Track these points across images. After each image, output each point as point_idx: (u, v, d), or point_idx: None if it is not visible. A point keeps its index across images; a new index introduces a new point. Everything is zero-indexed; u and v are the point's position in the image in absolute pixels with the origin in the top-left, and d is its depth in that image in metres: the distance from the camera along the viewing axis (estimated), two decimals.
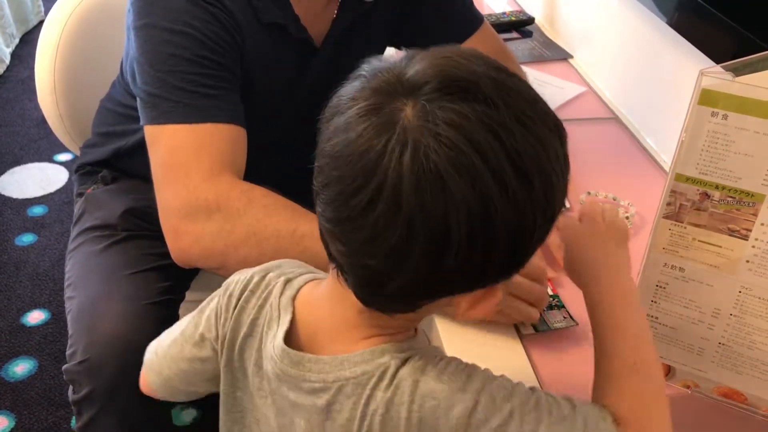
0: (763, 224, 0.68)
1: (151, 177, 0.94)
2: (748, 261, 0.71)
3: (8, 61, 3.06)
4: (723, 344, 0.75)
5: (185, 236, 0.89)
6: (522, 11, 1.79)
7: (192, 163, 0.90)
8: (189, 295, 1.13)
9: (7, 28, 3.12)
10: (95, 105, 1.29)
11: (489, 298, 0.56)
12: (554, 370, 0.82)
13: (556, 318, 0.88)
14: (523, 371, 0.81)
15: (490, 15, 1.73)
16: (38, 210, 2.27)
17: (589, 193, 1.10)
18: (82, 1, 1.35)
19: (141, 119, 0.96)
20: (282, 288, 0.65)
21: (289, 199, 0.91)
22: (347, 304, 0.58)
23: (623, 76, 1.41)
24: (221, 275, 0.91)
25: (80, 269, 1.09)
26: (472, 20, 1.20)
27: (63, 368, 1.00)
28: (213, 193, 0.88)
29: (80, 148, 1.33)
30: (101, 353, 0.96)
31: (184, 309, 1.08)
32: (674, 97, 1.21)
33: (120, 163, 1.22)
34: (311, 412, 0.60)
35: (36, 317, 1.87)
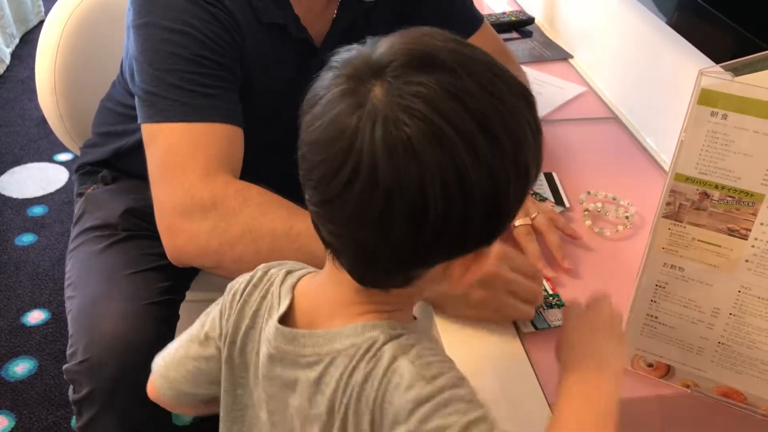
0: (763, 224, 0.68)
1: None
2: (748, 260, 0.71)
3: (8, 61, 3.06)
4: (722, 344, 0.75)
5: (180, 234, 0.89)
6: (522, 11, 1.79)
7: (188, 162, 0.90)
8: (189, 295, 1.13)
9: (7, 28, 3.12)
10: (95, 105, 1.30)
11: (479, 262, 0.59)
12: (553, 368, 0.82)
13: (556, 316, 0.88)
14: (522, 369, 0.81)
15: (490, 15, 1.73)
16: (38, 210, 2.27)
17: (589, 193, 1.10)
18: (82, 1, 1.35)
19: (138, 117, 0.96)
20: (283, 278, 0.67)
21: (288, 199, 0.91)
22: (345, 285, 0.60)
23: (623, 76, 1.41)
24: (217, 274, 0.91)
25: (80, 269, 1.09)
26: (472, 20, 1.20)
27: (63, 368, 1.00)
28: (209, 192, 0.88)
29: (80, 148, 1.33)
30: (101, 353, 0.96)
31: (185, 309, 1.08)
32: (674, 97, 1.21)
33: (120, 163, 1.22)
34: (304, 387, 0.62)
35: (36, 317, 1.88)
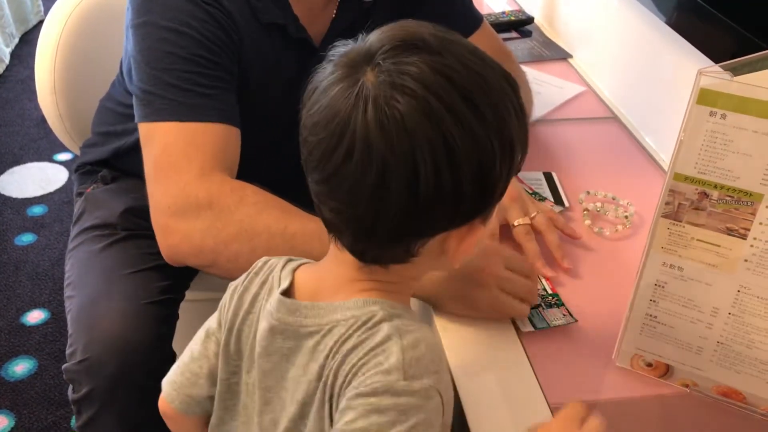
0: (762, 223, 0.69)
1: None
2: (747, 260, 0.71)
3: (8, 61, 3.06)
4: (722, 343, 0.75)
5: (175, 233, 0.89)
6: (521, 11, 1.79)
7: (184, 162, 0.90)
8: (189, 295, 1.13)
9: (7, 28, 3.12)
10: (95, 104, 1.30)
11: (473, 234, 0.62)
12: (552, 368, 0.82)
13: (556, 316, 0.88)
14: (522, 369, 0.81)
15: (490, 14, 1.73)
16: (38, 210, 2.27)
17: (589, 193, 1.10)
18: (82, 1, 1.35)
19: (135, 116, 0.96)
20: (284, 264, 0.70)
21: (287, 200, 0.91)
22: (347, 264, 0.64)
23: (622, 76, 1.41)
24: (212, 274, 0.92)
25: (80, 269, 1.09)
26: (472, 20, 1.20)
27: (63, 367, 1.00)
28: (204, 191, 0.89)
29: (80, 148, 1.33)
30: (101, 352, 0.96)
31: (184, 308, 1.08)
32: (673, 97, 1.21)
33: (119, 163, 1.22)
34: (302, 355, 0.64)
35: (36, 317, 1.88)
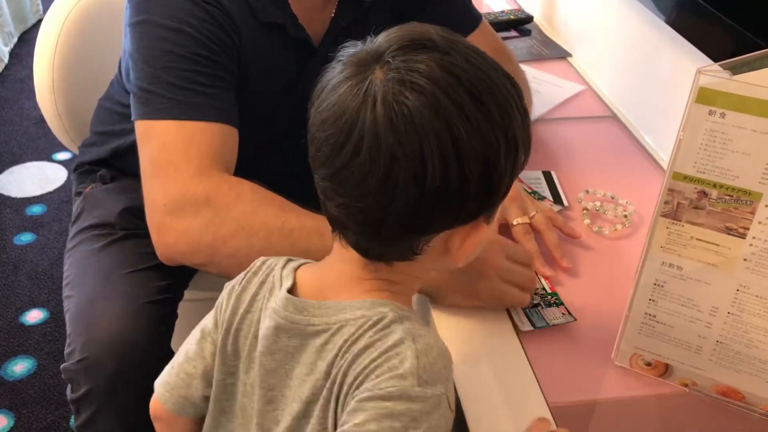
0: (761, 222, 0.68)
1: None
2: (746, 259, 0.71)
3: (7, 60, 3.06)
4: (721, 342, 0.75)
5: (171, 231, 0.89)
6: (521, 10, 1.79)
7: (182, 160, 0.90)
8: (188, 294, 1.13)
9: (6, 27, 3.12)
10: (94, 104, 1.29)
11: (477, 233, 0.63)
12: (551, 367, 0.82)
13: (555, 315, 0.88)
14: (521, 368, 0.81)
15: (489, 13, 1.73)
16: (37, 209, 2.27)
17: (588, 192, 1.10)
18: (81, 0, 1.35)
19: (132, 114, 0.96)
20: (284, 263, 0.70)
21: (285, 197, 0.91)
22: (351, 262, 0.64)
23: (622, 75, 1.41)
24: (209, 272, 0.91)
25: (78, 268, 1.09)
26: (471, 19, 1.20)
27: (61, 367, 1.00)
28: (202, 189, 0.88)
29: (78, 147, 1.33)
30: (99, 352, 0.96)
31: (183, 308, 1.08)
32: (672, 96, 1.21)
33: (118, 162, 1.22)
34: (309, 354, 0.64)
35: (35, 316, 1.88)
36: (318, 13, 1.06)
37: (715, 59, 0.86)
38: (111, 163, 1.23)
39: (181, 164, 0.90)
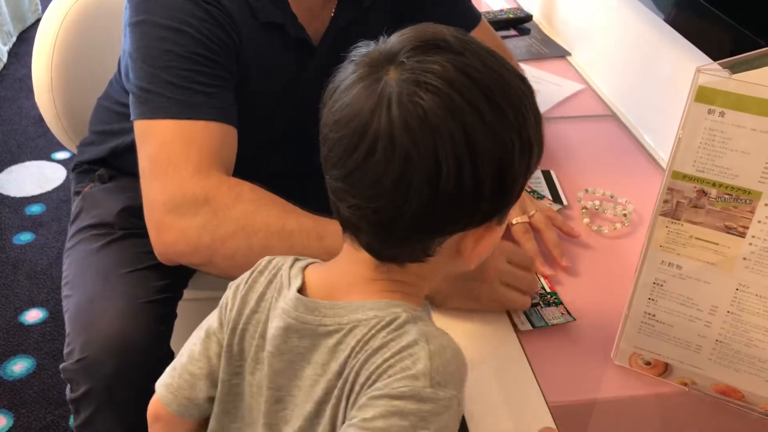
0: (760, 221, 0.68)
1: None
2: (745, 258, 0.71)
3: (5, 60, 3.06)
4: (720, 341, 0.75)
5: (171, 230, 0.89)
6: (520, 8, 1.79)
7: (181, 159, 0.90)
8: (187, 294, 1.12)
9: (4, 26, 3.12)
10: (92, 103, 1.29)
11: (489, 235, 0.63)
12: (551, 367, 0.82)
13: (554, 314, 0.88)
14: (520, 368, 0.81)
15: (488, 12, 1.73)
16: (36, 208, 2.26)
17: (587, 191, 1.10)
18: None
19: (131, 114, 0.95)
20: (291, 263, 0.69)
21: (285, 198, 0.91)
22: (362, 263, 0.64)
23: (621, 74, 1.41)
24: (207, 272, 0.91)
25: (77, 268, 1.09)
26: (471, 18, 1.20)
27: (60, 367, 1.00)
28: (201, 188, 0.88)
29: (77, 147, 1.33)
30: (98, 352, 0.96)
31: (183, 307, 1.08)
32: (672, 95, 1.21)
33: (117, 162, 1.22)
34: (320, 354, 0.64)
35: (34, 316, 1.87)
36: (318, 13, 1.06)
37: (715, 58, 0.86)
38: (110, 163, 1.23)
39: (181, 163, 0.89)
